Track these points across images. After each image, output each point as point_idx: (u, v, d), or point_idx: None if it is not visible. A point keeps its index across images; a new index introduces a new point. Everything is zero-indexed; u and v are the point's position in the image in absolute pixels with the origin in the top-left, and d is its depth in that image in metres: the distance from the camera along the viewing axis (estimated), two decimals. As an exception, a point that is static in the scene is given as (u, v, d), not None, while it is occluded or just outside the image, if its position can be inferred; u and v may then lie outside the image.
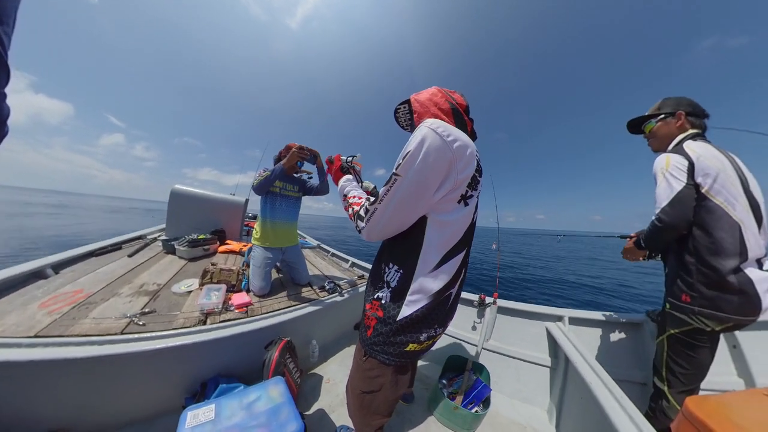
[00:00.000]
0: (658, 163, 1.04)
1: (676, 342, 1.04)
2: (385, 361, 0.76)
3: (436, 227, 0.67)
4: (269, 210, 1.75)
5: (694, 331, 0.99)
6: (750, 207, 0.95)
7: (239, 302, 1.46)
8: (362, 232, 0.72)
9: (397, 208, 0.65)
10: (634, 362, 1.46)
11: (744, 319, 0.91)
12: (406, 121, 0.91)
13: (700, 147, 1.00)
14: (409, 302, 0.70)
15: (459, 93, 0.80)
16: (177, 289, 1.55)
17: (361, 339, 0.82)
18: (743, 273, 0.91)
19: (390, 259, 0.75)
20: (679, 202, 0.96)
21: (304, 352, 1.53)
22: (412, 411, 1.33)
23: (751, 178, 1.00)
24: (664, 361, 1.06)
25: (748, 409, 0.69)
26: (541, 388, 1.46)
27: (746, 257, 0.91)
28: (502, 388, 1.51)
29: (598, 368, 1.11)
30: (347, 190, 0.86)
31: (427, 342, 0.75)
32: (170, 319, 1.20)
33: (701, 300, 0.95)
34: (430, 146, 0.60)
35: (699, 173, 0.96)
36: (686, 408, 0.72)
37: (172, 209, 2.89)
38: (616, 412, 0.86)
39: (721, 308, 0.92)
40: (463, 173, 0.64)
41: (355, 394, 0.87)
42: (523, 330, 1.67)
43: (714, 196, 0.95)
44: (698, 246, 0.96)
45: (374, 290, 0.78)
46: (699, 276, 0.96)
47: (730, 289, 0.91)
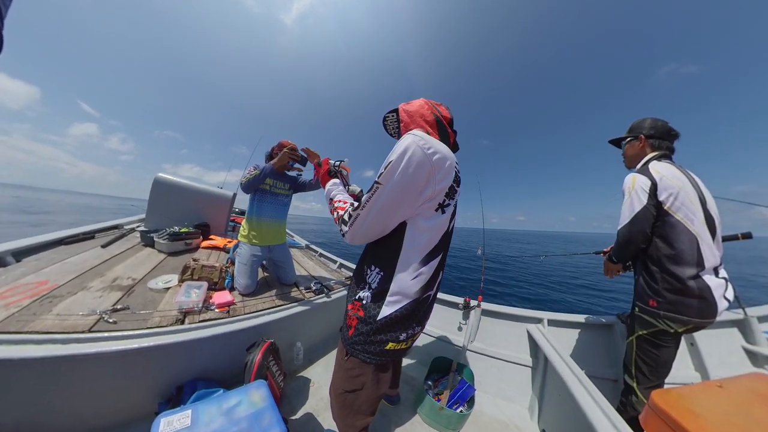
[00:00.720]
0: (626, 182, 1.16)
1: (643, 342, 1.13)
2: (366, 360, 0.78)
3: (414, 232, 0.72)
4: (257, 207, 1.70)
5: (659, 333, 1.09)
6: (706, 221, 1.06)
7: (221, 301, 1.40)
8: (346, 235, 0.76)
9: (378, 214, 0.69)
10: (606, 360, 1.56)
11: (703, 321, 1.02)
12: (394, 129, 0.95)
13: (663, 168, 1.11)
14: (389, 303, 0.74)
15: (444, 106, 0.86)
16: (154, 285, 1.46)
17: (342, 339, 0.84)
18: (702, 280, 1.02)
19: (372, 261, 0.79)
20: (637, 220, 1.09)
21: (288, 355, 1.49)
22: (398, 412, 1.33)
23: (708, 195, 1.12)
24: (633, 359, 1.16)
25: (704, 399, 0.77)
26: (523, 387, 1.52)
27: (703, 266, 1.03)
28: (486, 387, 1.55)
29: (574, 367, 1.18)
30: (333, 193, 0.90)
31: (406, 341, 0.79)
32: (145, 318, 1.13)
33: (666, 304, 1.05)
34: (411, 158, 0.64)
35: (662, 192, 1.07)
36: (652, 401, 0.78)
37: (153, 198, 2.72)
38: (591, 407, 0.93)
39: (683, 312, 1.03)
40: (440, 184, 0.68)
41: (337, 394, 0.88)
42: (506, 332, 1.74)
43: (675, 212, 1.06)
44: (662, 256, 1.07)
45: (356, 291, 0.81)
46: (663, 283, 1.06)
47: (691, 295, 1.01)
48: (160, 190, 2.74)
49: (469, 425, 1.29)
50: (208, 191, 3.05)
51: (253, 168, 1.61)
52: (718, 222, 1.09)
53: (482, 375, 1.55)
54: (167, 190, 2.77)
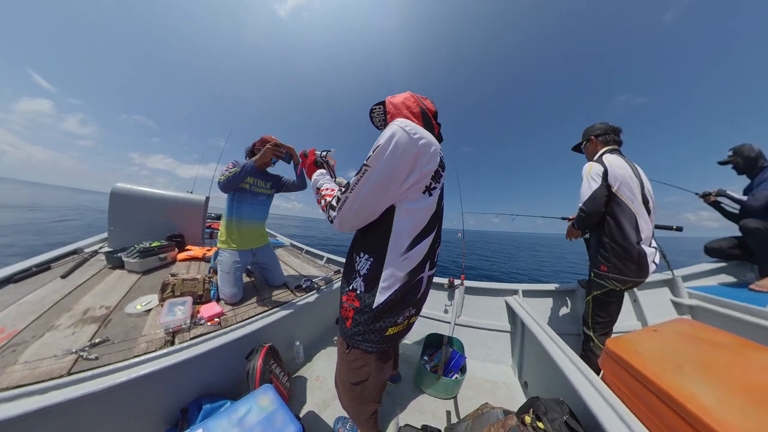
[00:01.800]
0: (585, 169, 1.42)
1: (597, 300, 1.42)
2: (369, 350, 0.79)
3: (403, 215, 0.73)
4: (236, 208, 1.59)
5: (609, 291, 1.37)
6: (643, 201, 1.32)
7: (210, 314, 1.35)
8: (334, 221, 0.75)
9: (366, 196, 0.70)
10: (570, 319, 1.87)
11: (639, 280, 1.31)
12: (381, 121, 0.95)
13: (613, 158, 1.37)
14: (382, 289, 0.74)
15: (430, 100, 0.87)
16: (132, 310, 1.38)
17: (341, 332, 0.85)
18: (641, 247, 1.28)
19: (361, 248, 0.79)
20: (595, 198, 1.34)
21: (288, 355, 1.52)
22: (401, 389, 1.46)
23: (646, 180, 1.39)
24: (590, 314, 1.44)
25: (644, 342, 0.97)
26: (506, 350, 1.75)
27: (641, 238, 1.29)
28: (475, 354, 1.75)
29: (546, 327, 1.39)
30: (320, 183, 0.89)
31: (404, 323, 0.81)
32: (129, 346, 1.07)
33: (614, 268, 1.33)
34: (399, 141, 0.66)
35: (611, 178, 1.33)
36: (607, 347, 0.97)
37: (114, 214, 2.42)
38: (561, 357, 1.11)
39: (625, 273, 1.30)
40: (426, 167, 0.70)
41: (344, 387, 0.90)
42: (487, 305, 1.95)
43: (620, 194, 1.31)
44: (611, 230, 1.33)
45: (348, 282, 0.81)
46: (612, 251, 1.33)
47: (631, 260, 1.29)
48: (119, 203, 2.42)
49: (464, 389, 1.46)
50: (177, 198, 2.77)
51: (231, 164, 1.49)
52: (653, 203, 1.36)
53: (471, 344, 1.72)
54: (128, 203, 2.46)
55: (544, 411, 0.88)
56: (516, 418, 0.89)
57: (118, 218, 2.45)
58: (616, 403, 0.83)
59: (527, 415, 0.90)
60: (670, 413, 0.72)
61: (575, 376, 0.98)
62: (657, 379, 0.78)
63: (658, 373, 0.79)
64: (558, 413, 0.86)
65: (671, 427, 0.71)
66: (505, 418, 0.90)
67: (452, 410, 1.33)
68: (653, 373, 0.80)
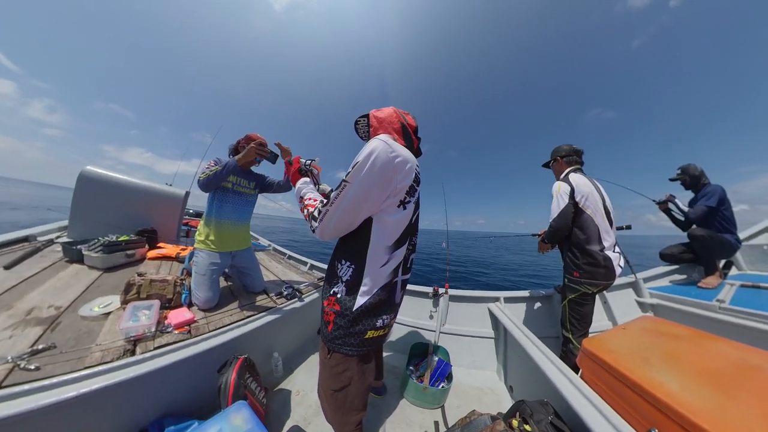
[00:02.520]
0: (554, 188, 1.58)
1: (573, 303, 1.53)
2: (349, 353, 0.82)
3: (380, 227, 0.78)
4: (217, 208, 1.52)
5: (582, 295, 1.49)
6: (605, 215, 1.50)
7: (179, 320, 1.23)
8: (316, 231, 0.80)
9: (345, 209, 0.75)
10: (549, 323, 1.97)
11: (608, 282, 1.47)
12: (365, 132, 1.01)
13: (577, 178, 1.55)
14: (363, 292, 0.79)
15: (411, 115, 0.94)
16: (87, 312, 1.22)
17: (322, 336, 0.87)
18: (606, 254, 1.45)
19: (343, 255, 0.84)
20: (563, 215, 1.50)
21: (266, 368, 1.41)
22: (387, 401, 1.40)
23: (606, 196, 1.58)
24: (567, 317, 1.54)
25: (615, 339, 1.06)
26: (490, 356, 1.78)
27: (604, 246, 1.46)
28: (460, 362, 1.74)
29: (527, 332, 1.44)
30: (304, 192, 0.93)
31: (384, 328, 0.85)
32: (80, 355, 0.94)
33: (585, 274, 1.47)
34: (376, 159, 0.71)
35: (577, 195, 1.49)
36: (583, 346, 1.05)
37: (80, 200, 2.15)
38: (542, 360, 1.15)
39: (596, 277, 1.45)
40: (401, 183, 0.76)
41: (327, 396, 0.88)
42: (471, 312, 1.99)
43: (586, 209, 1.48)
44: (579, 241, 1.49)
45: (330, 287, 0.85)
46: (582, 259, 1.48)
47: (599, 265, 1.44)
48: (87, 188, 2.15)
49: (451, 397, 1.44)
50: (154, 189, 2.53)
51: (213, 162, 1.43)
52: (613, 215, 1.56)
53: (456, 352, 1.72)
54: (98, 189, 2.19)
55: (530, 413, 0.90)
56: (503, 422, 0.90)
57: (84, 205, 2.18)
58: (595, 399, 0.87)
59: (514, 419, 0.91)
60: (642, 403, 0.78)
61: (557, 376, 1.02)
62: (629, 372, 0.85)
63: (630, 367, 0.87)
64: (543, 414, 0.89)
65: (644, 415, 0.77)
66: (493, 423, 0.91)
67: (440, 420, 1.30)
68: (625, 367, 0.87)
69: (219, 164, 1.40)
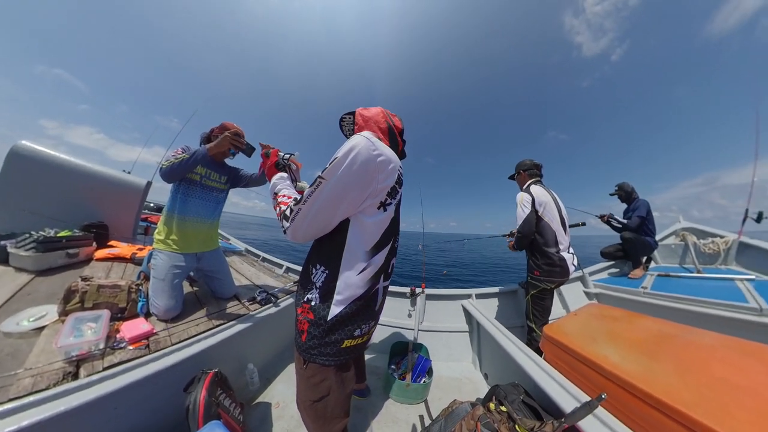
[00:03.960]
0: (518, 198, 1.80)
1: (535, 298, 1.75)
2: (326, 363, 0.77)
3: (358, 229, 0.73)
4: (181, 202, 1.37)
5: (543, 290, 1.72)
6: (560, 221, 1.74)
7: (134, 333, 1.08)
8: (287, 232, 0.74)
9: (320, 208, 0.69)
10: (515, 314, 2.21)
11: (564, 279, 1.71)
12: (349, 131, 0.96)
13: (537, 189, 1.77)
14: (338, 301, 0.73)
15: (398, 117, 0.91)
16: (12, 327, 1.01)
17: (297, 346, 0.81)
18: (561, 255, 1.67)
19: (317, 260, 0.78)
20: (527, 221, 1.70)
21: (240, 381, 1.31)
22: (371, 402, 1.40)
23: (562, 204, 1.82)
24: (531, 310, 1.77)
25: (569, 324, 1.24)
26: (465, 348, 1.91)
27: (560, 248, 1.69)
28: (439, 356, 1.83)
29: (497, 324, 1.58)
30: (279, 188, 0.86)
31: (362, 337, 0.80)
32: (4, 383, 0.78)
33: (544, 272, 1.69)
34: (357, 156, 0.66)
35: (537, 204, 1.71)
36: (544, 332, 1.21)
37: (7, 182, 1.74)
38: (511, 347, 1.27)
39: (553, 275, 1.67)
40: (383, 183, 0.71)
41: (306, 407, 0.84)
42: (446, 309, 2.13)
43: (544, 217, 1.70)
44: (539, 244, 1.71)
45: (304, 293, 0.79)
46: (542, 260, 1.70)
47: (556, 265, 1.67)
48: (20, 168, 1.73)
49: (433, 390, 1.50)
50: (108, 176, 2.12)
51: (181, 150, 1.29)
52: (567, 221, 1.82)
53: (434, 347, 1.80)
54: (35, 170, 1.78)
55: (504, 395, 0.99)
56: (482, 407, 0.96)
57: (13, 190, 1.74)
58: (557, 376, 1.00)
59: (491, 403, 0.99)
60: (593, 374, 0.93)
61: (524, 361, 1.14)
62: (581, 350, 1.00)
63: (581, 346, 1.02)
64: (515, 395, 0.99)
65: (596, 384, 0.91)
66: (473, 409, 0.96)
67: (424, 413, 1.35)
68: (578, 346, 1.03)
69: (187, 152, 1.26)
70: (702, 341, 1.00)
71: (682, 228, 3.02)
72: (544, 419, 0.84)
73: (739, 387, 0.74)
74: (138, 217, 2.37)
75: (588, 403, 0.78)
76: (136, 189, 2.27)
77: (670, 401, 0.71)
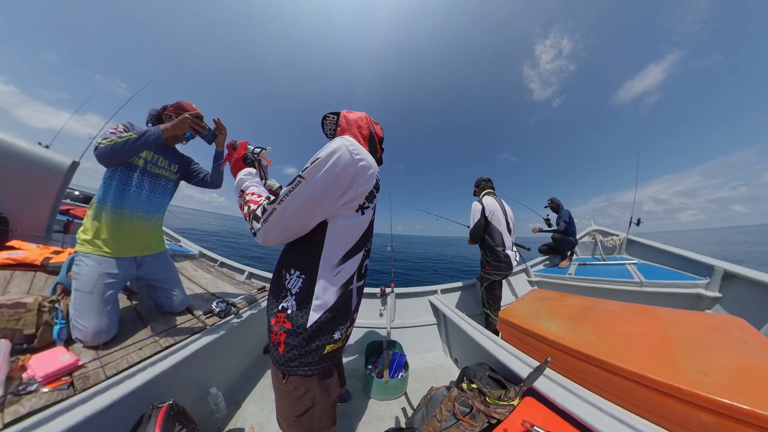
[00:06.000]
0: (472, 206, 2.17)
1: (488, 289, 2.11)
2: (308, 373, 0.73)
3: (335, 232, 0.71)
4: (117, 192, 1.13)
5: (493, 282, 2.10)
6: (506, 225, 2.11)
7: (50, 369, 0.86)
8: (258, 234, 0.69)
9: (297, 210, 0.66)
10: (476, 305, 2.48)
11: (508, 272, 2.08)
12: (331, 130, 0.96)
13: (488, 199, 2.16)
14: (316, 306, 0.71)
15: (380, 126, 0.94)
16: None
17: (273, 360, 0.75)
18: (506, 253, 2.05)
19: (291, 264, 0.74)
20: (476, 226, 2.10)
21: (204, 410, 1.14)
22: (354, 405, 1.40)
23: (509, 210, 2.22)
24: (485, 298, 2.12)
25: (518, 308, 1.45)
26: (436, 339, 2.08)
27: (505, 247, 2.06)
28: (413, 350, 1.93)
29: (460, 314, 1.77)
30: (247, 185, 0.81)
31: (341, 339, 0.79)
32: None
33: (493, 267, 2.06)
34: (339, 158, 0.65)
35: (487, 212, 2.09)
36: (500, 317, 1.40)
37: None
38: (474, 332, 1.43)
39: (500, 269, 2.04)
40: (362, 187, 0.70)
41: (290, 423, 0.78)
42: (415, 305, 2.28)
43: (492, 222, 2.08)
44: (489, 244, 2.08)
45: (277, 302, 0.75)
46: (491, 257, 2.07)
47: (502, 261, 2.03)
48: None
49: (411, 382, 1.58)
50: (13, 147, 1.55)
51: (122, 127, 1.08)
52: (512, 225, 2.20)
53: (408, 342, 1.89)
54: None
55: (474, 375, 1.11)
56: (456, 388, 1.07)
57: None
58: (513, 350, 1.17)
59: (464, 383, 1.09)
60: (540, 344, 1.13)
61: (486, 342, 1.30)
62: (529, 327, 1.21)
63: (529, 323, 1.23)
64: (482, 372, 1.12)
65: (542, 351, 1.10)
66: (449, 392, 1.07)
67: (406, 405, 1.41)
68: (526, 324, 1.24)
69: (133, 131, 1.06)
70: (609, 308, 1.32)
71: (593, 230, 3.97)
72: (508, 387, 0.99)
73: (633, 335, 1.02)
74: (55, 209, 1.77)
75: (539, 367, 0.96)
76: (56, 170, 1.67)
77: (592, 353, 0.93)
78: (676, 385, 0.72)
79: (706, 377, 0.74)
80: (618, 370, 0.84)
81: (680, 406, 0.72)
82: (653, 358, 0.85)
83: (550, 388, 0.90)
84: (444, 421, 0.96)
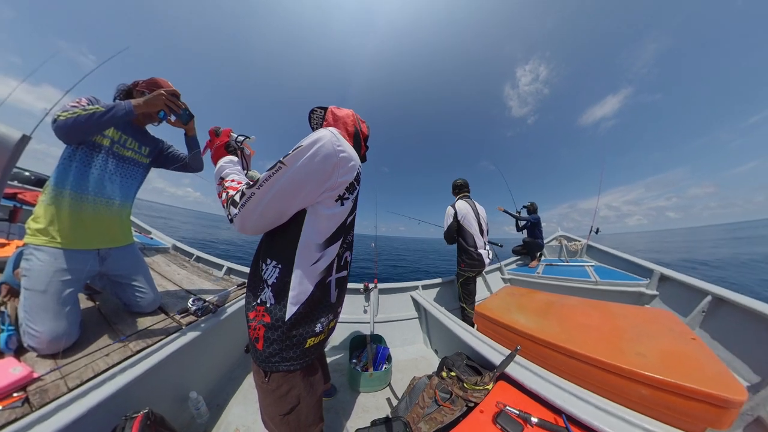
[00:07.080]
0: (446, 211, 2.31)
1: (463, 285, 2.25)
2: (291, 369, 0.71)
3: (313, 221, 0.70)
4: (77, 174, 1.00)
5: (468, 278, 2.24)
6: (479, 227, 2.25)
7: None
8: (235, 220, 0.68)
9: (276, 196, 0.65)
10: (453, 299, 2.63)
11: (481, 269, 2.22)
12: (317, 124, 0.96)
13: (461, 203, 2.29)
14: (293, 297, 0.69)
15: (367, 124, 0.95)
16: None
17: (254, 357, 0.73)
18: (479, 252, 2.19)
19: (268, 254, 0.72)
20: (449, 229, 2.24)
21: (184, 416, 1.09)
22: (340, 399, 1.43)
23: (482, 212, 2.35)
24: (461, 294, 2.26)
25: (493, 302, 1.56)
26: (417, 332, 2.18)
27: (477, 247, 2.20)
28: (395, 343, 2.02)
29: (440, 308, 1.87)
30: (227, 172, 0.79)
31: (324, 332, 0.77)
32: None
33: (467, 265, 2.20)
34: (321, 147, 0.65)
35: (459, 215, 2.23)
36: (476, 310, 1.50)
37: None
38: (453, 325, 1.53)
39: (473, 267, 2.19)
40: (342, 177, 0.70)
41: (276, 422, 0.77)
42: (397, 301, 2.37)
43: (464, 224, 2.22)
44: (463, 244, 2.22)
45: (255, 295, 0.73)
46: (465, 256, 2.21)
47: (475, 259, 2.18)
48: None
49: (394, 374, 1.65)
50: None
51: (86, 100, 0.95)
52: (485, 227, 2.33)
53: (390, 336, 1.96)
54: None
55: (452, 364, 1.20)
56: (437, 377, 1.15)
57: None
58: (488, 341, 1.28)
59: (443, 372, 1.18)
60: (511, 335, 1.24)
61: (463, 334, 1.39)
62: (501, 319, 1.32)
63: (502, 316, 1.34)
64: (460, 361, 1.21)
65: (513, 341, 1.21)
66: (430, 381, 1.14)
67: (391, 396, 1.48)
68: (499, 317, 1.34)
69: (99, 104, 0.95)
70: (570, 303, 1.49)
71: (559, 235, 4.42)
72: (483, 373, 1.10)
73: (588, 326, 1.17)
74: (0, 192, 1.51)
75: (510, 355, 1.07)
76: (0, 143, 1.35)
77: (555, 341, 1.06)
78: (620, 365, 0.87)
79: (644, 359, 0.89)
80: (576, 355, 0.98)
81: (624, 382, 0.86)
82: (604, 345, 1.00)
83: (520, 372, 1.01)
84: (426, 408, 1.03)
